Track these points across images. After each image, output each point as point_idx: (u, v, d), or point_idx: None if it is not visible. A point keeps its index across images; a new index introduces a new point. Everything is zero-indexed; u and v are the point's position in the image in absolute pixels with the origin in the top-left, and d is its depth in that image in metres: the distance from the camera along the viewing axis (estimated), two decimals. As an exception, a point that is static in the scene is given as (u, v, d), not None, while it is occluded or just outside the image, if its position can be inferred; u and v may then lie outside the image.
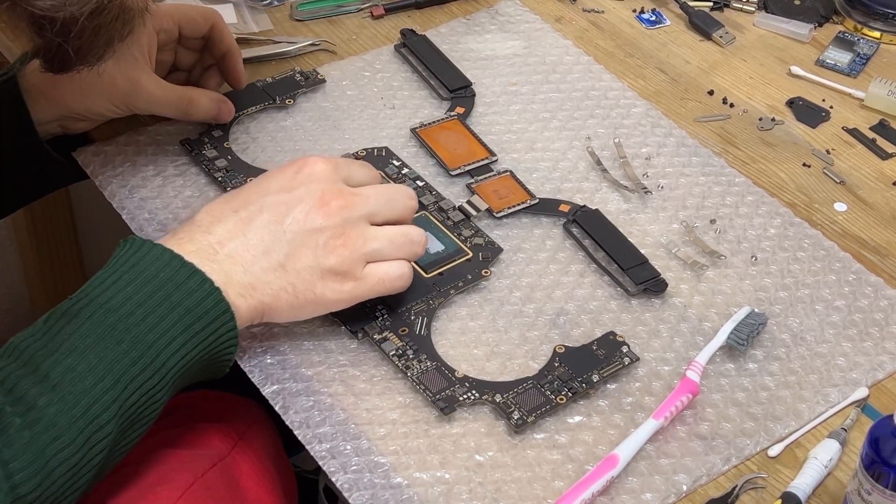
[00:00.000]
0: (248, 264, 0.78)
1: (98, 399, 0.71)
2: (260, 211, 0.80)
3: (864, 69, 1.11)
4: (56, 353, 0.71)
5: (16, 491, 0.67)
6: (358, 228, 0.80)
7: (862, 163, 1.01)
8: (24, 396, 0.69)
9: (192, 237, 0.78)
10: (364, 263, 0.81)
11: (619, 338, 0.84)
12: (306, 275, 0.79)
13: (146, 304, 0.73)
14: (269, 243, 0.79)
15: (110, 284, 0.74)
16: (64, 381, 0.70)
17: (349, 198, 0.81)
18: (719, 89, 1.08)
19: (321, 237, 0.79)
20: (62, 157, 0.97)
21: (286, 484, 0.92)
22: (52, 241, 1.52)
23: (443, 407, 0.79)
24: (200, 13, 0.98)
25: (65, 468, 0.69)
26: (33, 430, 0.69)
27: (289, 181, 0.81)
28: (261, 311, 0.79)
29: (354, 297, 0.81)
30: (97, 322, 0.72)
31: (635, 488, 0.76)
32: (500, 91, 1.06)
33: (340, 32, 1.12)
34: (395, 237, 0.82)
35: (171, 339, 0.73)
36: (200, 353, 0.75)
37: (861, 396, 0.82)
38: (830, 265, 0.91)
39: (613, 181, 0.97)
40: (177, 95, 0.95)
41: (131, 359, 0.72)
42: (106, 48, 0.76)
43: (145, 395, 0.73)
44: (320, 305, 0.81)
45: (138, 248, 0.76)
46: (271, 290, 0.78)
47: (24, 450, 0.68)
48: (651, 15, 1.16)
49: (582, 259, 0.91)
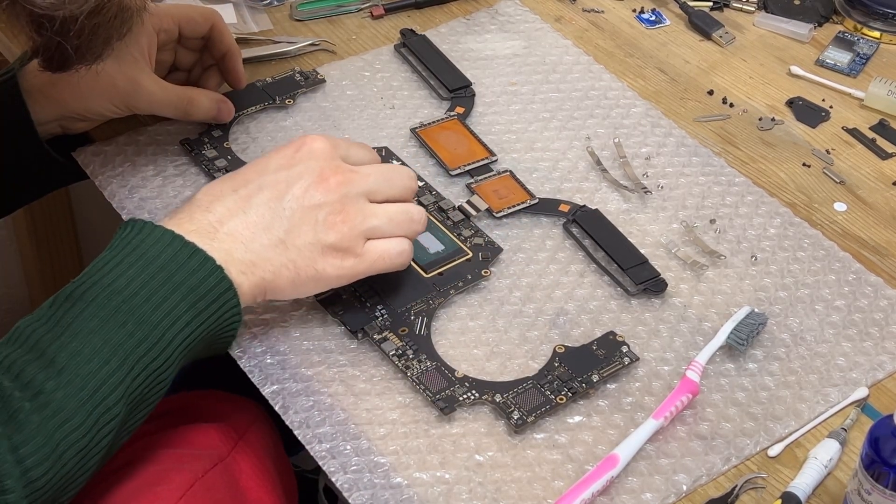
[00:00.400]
0: (249, 241, 0.78)
1: (105, 381, 0.71)
2: (259, 189, 0.80)
3: (864, 69, 1.11)
4: (62, 338, 0.71)
5: (27, 475, 0.68)
6: (357, 205, 0.81)
7: (862, 163, 1.01)
8: (31, 381, 0.70)
9: (191, 217, 0.78)
10: (364, 240, 0.81)
11: (619, 338, 0.84)
12: (307, 251, 0.79)
13: (149, 285, 0.74)
14: (268, 220, 0.79)
15: (113, 267, 0.74)
16: (70, 365, 0.71)
17: (348, 174, 0.81)
18: (719, 89, 1.08)
19: (320, 213, 0.79)
20: (62, 157, 0.97)
21: (286, 484, 0.92)
22: (52, 241, 1.52)
23: (443, 407, 0.79)
24: (200, 13, 0.98)
25: (74, 451, 0.70)
26: (42, 414, 0.69)
27: (288, 159, 0.81)
28: (263, 287, 0.79)
29: (355, 273, 0.81)
30: (101, 305, 0.73)
31: (635, 488, 0.76)
32: (499, 91, 1.06)
33: (340, 32, 1.12)
34: (394, 214, 0.82)
35: (175, 319, 0.74)
36: (205, 332, 0.76)
37: (861, 396, 0.82)
38: (830, 265, 0.91)
39: (613, 181, 0.97)
40: (177, 95, 0.95)
41: (136, 340, 0.72)
42: (104, 47, 0.76)
43: (152, 375, 0.73)
44: (321, 282, 0.81)
45: (140, 230, 0.76)
46: (272, 267, 0.79)
47: (34, 434, 0.68)
48: (651, 15, 1.16)
49: (582, 259, 0.91)
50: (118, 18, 0.74)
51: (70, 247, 1.55)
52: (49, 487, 0.69)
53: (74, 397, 0.70)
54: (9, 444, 0.68)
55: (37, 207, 1.47)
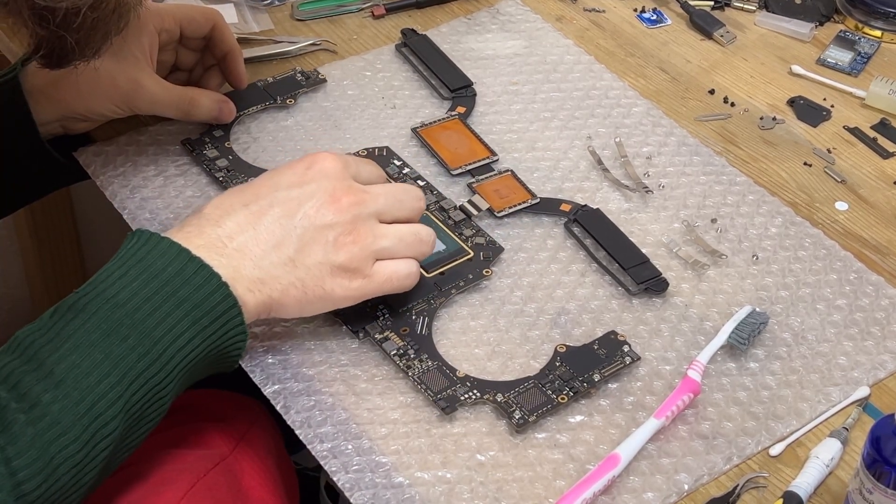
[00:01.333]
0: (258, 258, 0.78)
1: (103, 396, 0.70)
2: (270, 206, 0.79)
3: (866, 68, 1.11)
4: (61, 349, 0.71)
5: (19, 489, 0.67)
6: (368, 225, 0.80)
7: (863, 162, 1.01)
8: (28, 393, 0.69)
9: (200, 230, 0.78)
10: (373, 261, 0.81)
11: (621, 337, 0.84)
12: (316, 270, 0.79)
13: (153, 300, 0.73)
14: (279, 238, 0.79)
15: (117, 279, 0.74)
16: (68, 378, 0.70)
17: (360, 195, 0.81)
18: (720, 88, 1.08)
19: (331, 233, 0.79)
20: (63, 157, 0.97)
21: (288, 483, 0.92)
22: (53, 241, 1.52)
23: (444, 406, 0.79)
24: (202, 13, 0.98)
25: (69, 465, 0.69)
26: (37, 427, 0.68)
27: (299, 177, 0.81)
28: (269, 305, 0.78)
29: (363, 294, 0.81)
30: (103, 317, 0.72)
31: (637, 487, 0.76)
32: (501, 90, 1.06)
33: (341, 32, 1.12)
34: (404, 235, 0.82)
35: (177, 335, 0.73)
36: (208, 349, 0.75)
37: (862, 395, 0.82)
38: (832, 264, 0.91)
39: (614, 180, 0.97)
40: (178, 96, 0.95)
41: (137, 354, 0.72)
42: (103, 42, 0.76)
43: (151, 392, 0.73)
44: (328, 302, 0.80)
45: (145, 242, 0.75)
46: (280, 286, 0.78)
47: (28, 447, 0.68)
48: (652, 14, 1.16)
49: (583, 258, 0.91)
50: (116, 13, 0.74)
51: (71, 247, 1.55)
52: (41, 502, 0.68)
53: (71, 410, 0.69)
54: (1, 456, 0.67)
55: (38, 207, 1.47)
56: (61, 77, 0.91)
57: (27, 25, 0.72)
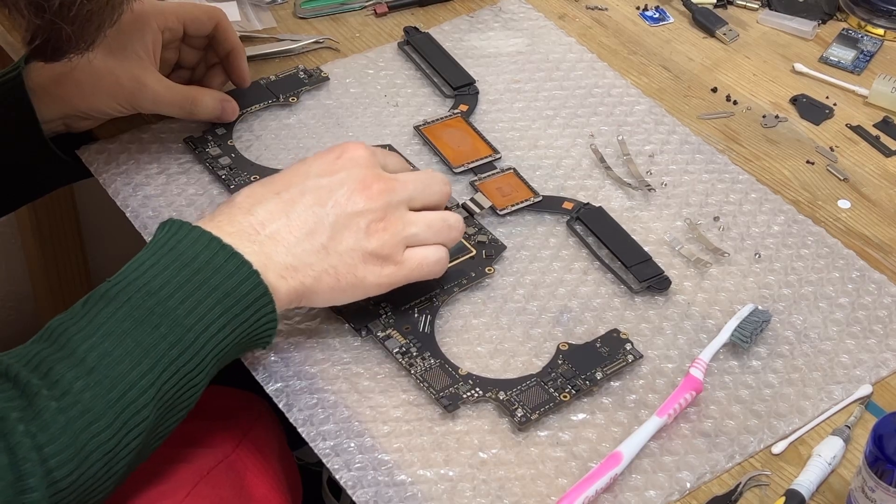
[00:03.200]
0: (291, 245, 0.78)
1: (135, 384, 0.71)
2: (302, 194, 0.80)
3: (868, 66, 1.11)
4: (93, 337, 0.71)
5: (51, 475, 0.67)
6: (398, 212, 0.81)
7: (865, 160, 1.01)
8: (60, 380, 0.69)
9: (232, 219, 0.78)
10: (404, 247, 0.81)
11: (623, 335, 0.84)
12: (348, 257, 0.79)
13: (184, 288, 0.74)
14: (312, 225, 0.79)
15: (149, 267, 0.74)
16: (100, 366, 0.70)
17: (390, 182, 0.81)
18: (723, 86, 1.08)
19: (363, 220, 0.80)
20: (66, 154, 0.97)
21: (291, 479, 0.93)
22: (55, 238, 1.52)
23: (446, 404, 0.79)
24: (205, 12, 0.98)
25: (100, 453, 0.69)
26: (68, 414, 0.69)
27: (329, 165, 0.81)
28: (301, 293, 0.79)
29: (393, 281, 0.81)
30: (135, 305, 0.73)
31: (639, 486, 0.76)
32: (503, 88, 1.06)
33: (344, 30, 1.12)
34: (433, 222, 0.82)
35: (209, 323, 0.74)
36: (239, 337, 0.75)
37: (865, 393, 0.82)
38: (834, 262, 0.91)
39: (617, 178, 0.97)
40: (181, 95, 0.95)
41: (169, 343, 0.72)
42: (97, 33, 0.76)
43: (183, 380, 0.73)
44: (360, 289, 0.81)
45: (177, 231, 0.76)
46: (313, 272, 0.78)
47: (60, 434, 0.68)
48: (654, 12, 1.16)
49: (585, 256, 0.91)
50: (110, 4, 0.74)
51: (74, 244, 1.55)
52: (73, 489, 0.68)
53: (103, 398, 0.70)
54: (33, 443, 0.67)
55: (40, 205, 1.47)
56: (64, 75, 0.91)
57: (23, 15, 0.72)
